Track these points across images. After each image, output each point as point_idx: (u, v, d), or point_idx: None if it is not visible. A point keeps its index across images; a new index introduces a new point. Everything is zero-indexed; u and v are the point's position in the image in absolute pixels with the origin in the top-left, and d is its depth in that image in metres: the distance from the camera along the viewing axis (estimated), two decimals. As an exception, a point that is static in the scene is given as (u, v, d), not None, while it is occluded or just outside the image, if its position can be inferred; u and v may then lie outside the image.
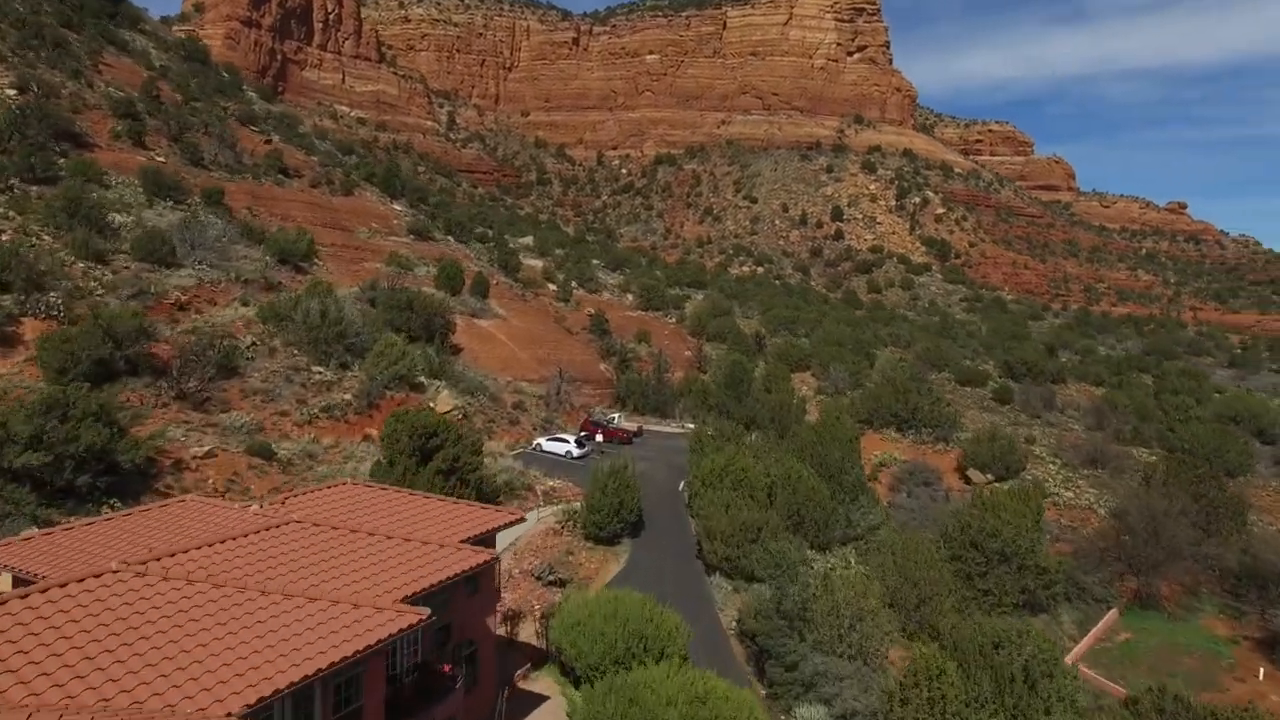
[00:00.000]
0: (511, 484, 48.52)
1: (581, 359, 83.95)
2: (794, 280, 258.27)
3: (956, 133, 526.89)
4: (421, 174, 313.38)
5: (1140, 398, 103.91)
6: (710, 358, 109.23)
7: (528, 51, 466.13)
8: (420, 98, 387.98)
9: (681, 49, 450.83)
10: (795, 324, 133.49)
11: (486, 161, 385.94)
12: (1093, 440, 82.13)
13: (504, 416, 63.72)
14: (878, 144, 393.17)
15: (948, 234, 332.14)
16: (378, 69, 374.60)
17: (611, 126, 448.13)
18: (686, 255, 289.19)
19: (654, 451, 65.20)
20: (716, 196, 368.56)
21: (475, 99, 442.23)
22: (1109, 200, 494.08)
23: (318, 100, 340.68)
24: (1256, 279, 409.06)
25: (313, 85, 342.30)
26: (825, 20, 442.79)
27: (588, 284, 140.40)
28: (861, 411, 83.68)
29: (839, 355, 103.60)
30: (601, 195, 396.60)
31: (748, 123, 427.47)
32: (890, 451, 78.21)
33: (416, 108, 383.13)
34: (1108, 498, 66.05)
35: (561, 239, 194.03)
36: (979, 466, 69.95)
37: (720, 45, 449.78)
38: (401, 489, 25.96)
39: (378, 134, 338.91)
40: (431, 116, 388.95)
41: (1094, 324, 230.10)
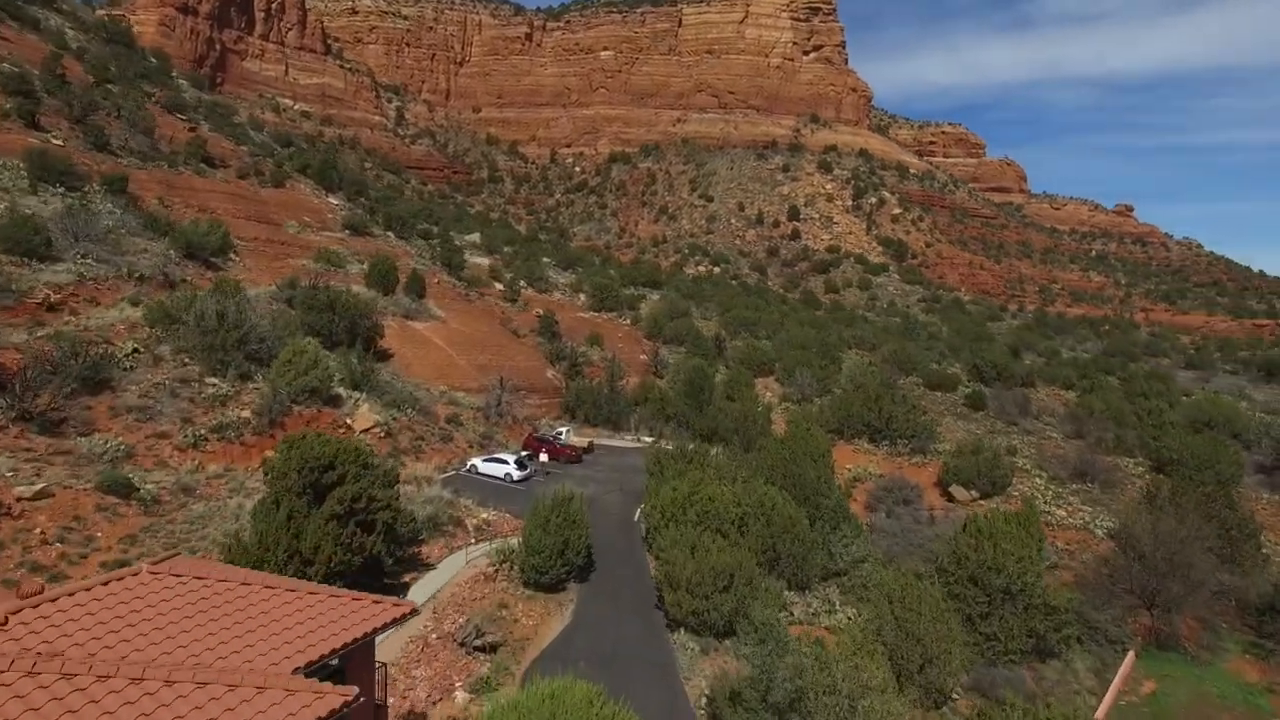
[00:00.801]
0: (436, 518, 40.91)
1: (527, 365, 76.45)
2: (751, 280, 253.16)
3: (910, 134, 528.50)
4: (369, 170, 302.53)
5: (1116, 403, 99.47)
6: (667, 362, 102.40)
7: (479, 46, 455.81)
8: (368, 92, 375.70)
9: (636, 46, 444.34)
10: (756, 325, 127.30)
11: (436, 158, 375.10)
12: (1077, 450, 76.95)
13: (435, 433, 55.94)
14: (834, 144, 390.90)
15: (904, 234, 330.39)
16: (323, 61, 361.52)
17: (565, 124, 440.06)
18: (641, 255, 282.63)
19: (606, 471, 58.01)
20: (672, 195, 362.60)
21: (425, 94, 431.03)
22: (1059, 202, 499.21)
23: (259, 92, 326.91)
24: (1200, 281, 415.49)
25: (254, 77, 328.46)
26: (781, 19, 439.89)
27: (538, 283, 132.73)
28: (831, 421, 77.50)
29: (804, 359, 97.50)
30: (555, 194, 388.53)
31: (703, 121, 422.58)
32: (864, 465, 72.05)
33: (364, 102, 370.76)
34: (1103, 516, 60.56)
35: (511, 236, 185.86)
36: (962, 482, 64.08)
37: (676, 43, 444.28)
38: (242, 572, 18.44)
39: (323, 128, 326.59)
40: (379, 111, 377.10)
41: (1051, 325, 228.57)
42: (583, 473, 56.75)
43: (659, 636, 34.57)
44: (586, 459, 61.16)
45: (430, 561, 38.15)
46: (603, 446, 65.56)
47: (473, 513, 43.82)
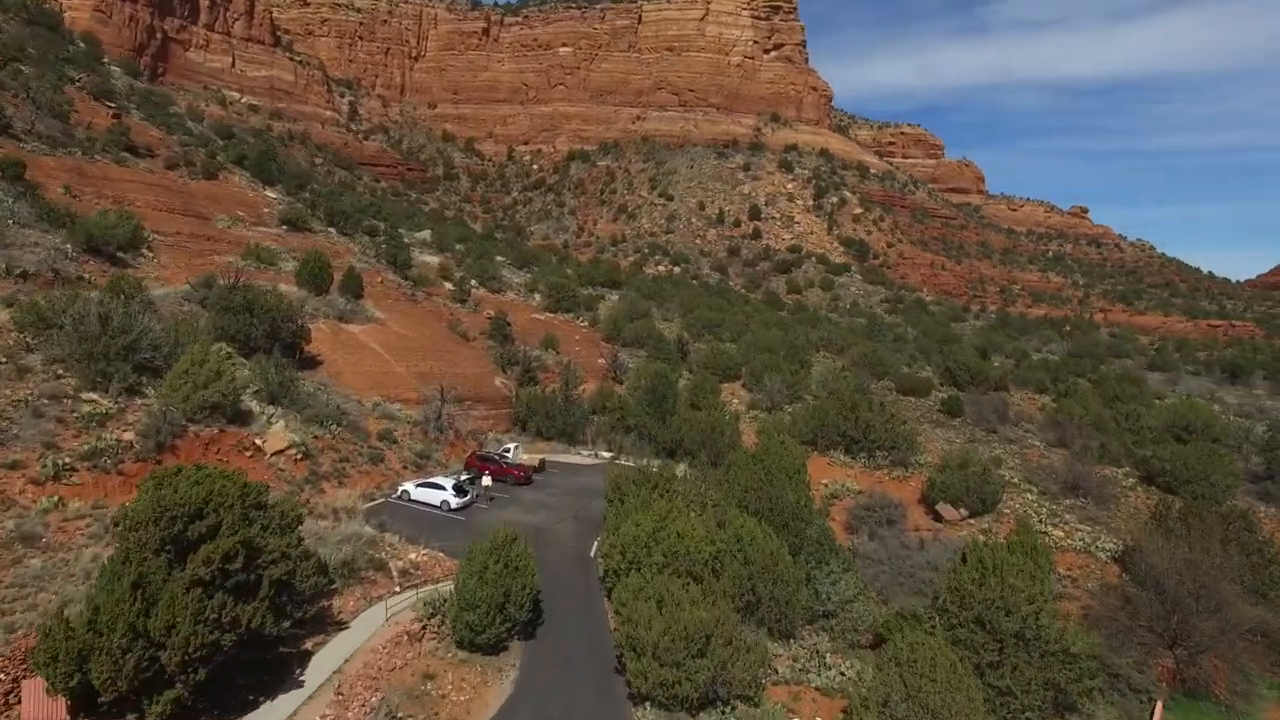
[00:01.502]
0: (353, 563, 34.17)
1: (474, 372, 69.60)
2: (713, 280, 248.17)
3: (870, 134, 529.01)
4: (320, 166, 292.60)
5: (1095, 408, 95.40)
6: (627, 366, 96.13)
7: (435, 41, 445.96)
8: (319, 86, 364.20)
9: (595, 43, 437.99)
10: (720, 327, 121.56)
11: (390, 155, 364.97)
12: (1065, 461, 72.22)
13: (363, 453, 48.98)
14: (794, 143, 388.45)
15: (865, 234, 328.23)
16: (272, 53, 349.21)
17: (523, 121, 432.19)
18: (600, 254, 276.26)
19: (559, 494, 51.56)
20: (631, 194, 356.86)
21: (379, 89, 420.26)
22: (1016, 203, 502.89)
23: (204, 84, 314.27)
24: (1154, 282, 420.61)
25: (198, 68, 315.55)
26: (742, 17, 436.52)
27: (490, 283, 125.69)
28: (804, 431, 71.86)
29: (772, 363, 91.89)
30: (512, 191, 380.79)
31: (663, 119, 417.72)
32: (841, 479, 66.49)
33: (315, 96, 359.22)
34: (1104, 537, 55.62)
35: (465, 234, 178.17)
36: (950, 499, 58.80)
37: (635, 39, 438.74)
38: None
39: (272, 122, 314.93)
40: (331, 106, 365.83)
41: (1015, 326, 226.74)
42: (532, 497, 50.22)
43: (620, 712, 28.27)
44: (538, 479, 54.62)
45: (342, 618, 31.44)
46: (556, 464, 59.04)
47: (399, 552, 37.11)
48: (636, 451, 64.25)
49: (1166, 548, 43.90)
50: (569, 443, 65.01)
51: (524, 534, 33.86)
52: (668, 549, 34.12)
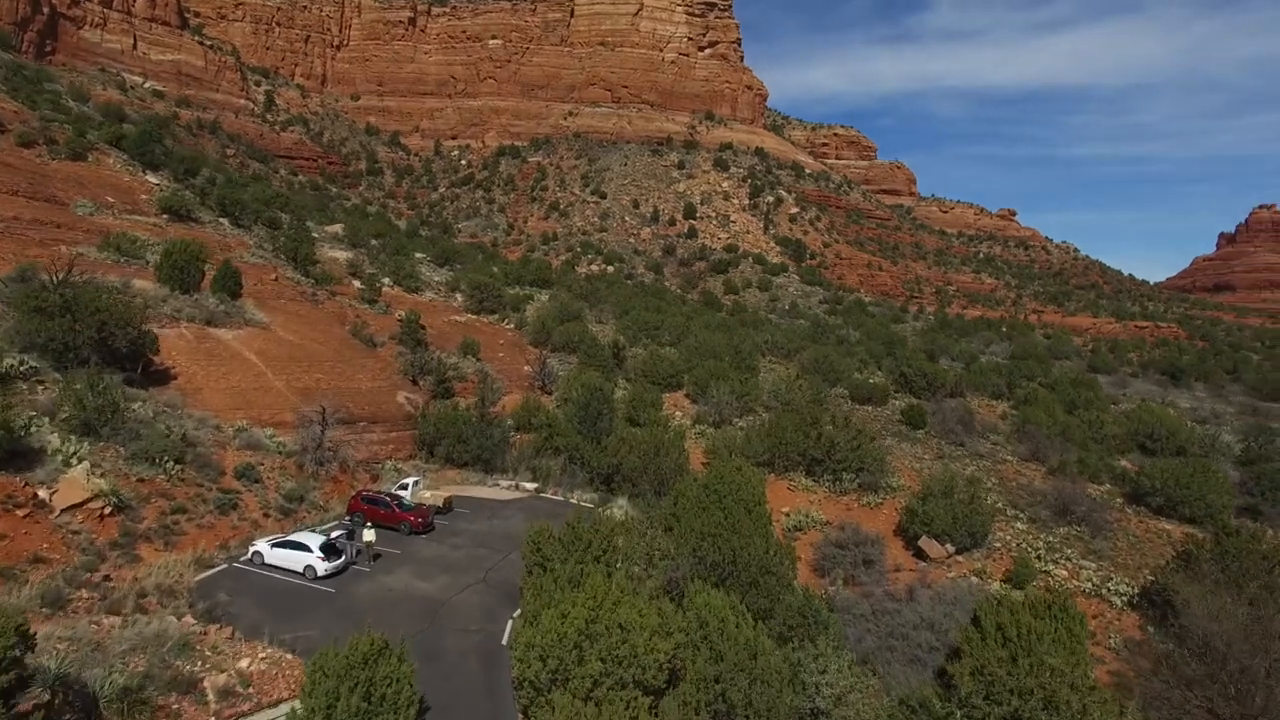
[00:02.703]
0: (143, 688, 23.26)
1: (372, 386, 58.42)
2: (647, 280, 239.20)
3: (804, 135, 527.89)
4: (232, 157, 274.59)
5: (1061, 416, 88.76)
6: (556, 374, 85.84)
7: (359, 30, 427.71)
8: (232, 72, 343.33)
9: (526, 35, 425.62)
10: (659, 330, 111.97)
11: (310, 147, 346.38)
12: (1049, 481, 64.59)
13: (209, 499, 37.73)
14: (729, 141, 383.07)
15: (802, 234, 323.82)
16: (179, 36, 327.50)
17: (450, 115, 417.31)
18: (530, 252, 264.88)
19: (468, 546, 40.91)
20: (563, 191, 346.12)
21: (299, 79, 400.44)
22: (947, 205, 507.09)
23: (101, 66, 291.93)
24: (1080, 283, 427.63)
25: (94, 48, 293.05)
26: (676, 13, 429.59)
27: (406, 281, 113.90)
28: (759, 450, 62.66)
29: (718, 370, 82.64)
30: (439, 188, 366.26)
31: (596, 115, 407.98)
32: (804, 507, 57.45)
33: (227, 83, 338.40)
34: (1116, 577, 47.61)
35: (382, 228, 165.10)
36: (934, 532, 50.23)
37: (568, 33, 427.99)
38: None
39: (179, 110, 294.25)
40: (246, 95, 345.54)
41: (955, 327, 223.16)
42: (433, 550, 39.56)
43: None
44: (443, 523, 43.86)
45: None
46: (468, 501, 48.25)
47: (227, 657, 26.23)
48: (567, 480, 54.11)
49: (1215, 601, 35.82)
50: (486, 470, 54.40)
51: (407, 625, 23.55)
52: (607, 650, 24.20)
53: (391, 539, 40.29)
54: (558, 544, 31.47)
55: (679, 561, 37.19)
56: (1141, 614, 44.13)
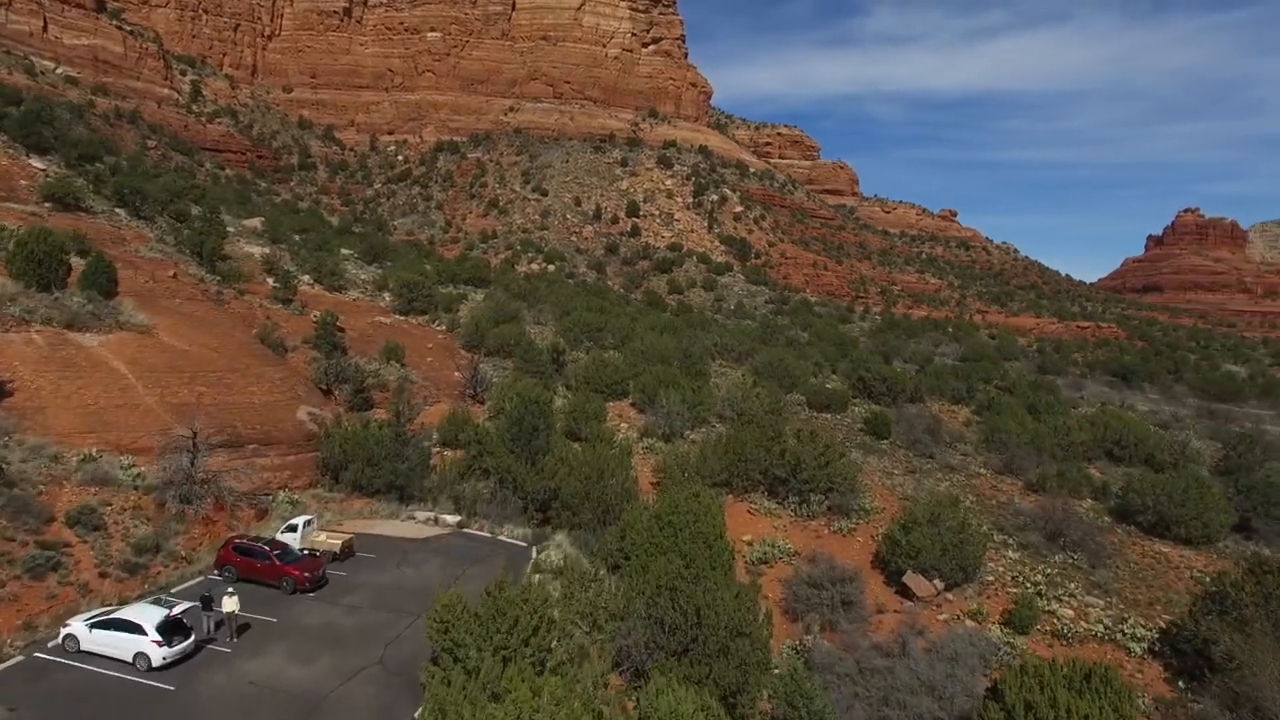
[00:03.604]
0: None
1: (268, 400, 49.71)
2: (589, 279, 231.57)
3: (747, 134, 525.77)
4: (153, 149, 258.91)
5: (1030, 424, 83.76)
6: (490, 381, 77.88)
7: (291, 19, 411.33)
8: (154, 60, 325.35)
9: (467, 28, 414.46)
10: (602, 332, 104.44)
11: (238, 140, 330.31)
12: (1038, 502, 58.93)
13: (17, 559, 29.03)
14: (673, 139, 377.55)
15: (746, 233, 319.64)
16: (95, 20, 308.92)
17: (387, 109, 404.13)
18: (469, 250, 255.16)
19: (368, 608, 32.71)
20: (503, 188, 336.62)
21: (228, 68, 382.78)
22: (890, 206, 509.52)
23: (7, 49, 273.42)
24: (1020, 284, 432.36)
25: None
26: (620, 9, 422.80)
27: (329, 279, 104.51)
28: (715, 468, 55.67)
29: (667, 377, 75.50)
30: (374, 183, 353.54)
31: (538, 110, 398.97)
32: (768, 535, 50.59)
33: (149, 71, 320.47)
34: (1131, 617, 41.65)
35: (308, 223, 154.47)
36: (921, 566, 43.79)
37: (509, 27, 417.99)
38: None
39: (95, 98, 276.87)
40: (169, 84, 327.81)
41: (902, 327, 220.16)
42: (320, 616, 31.34)
43: None
44: (339, 574, 35.50)
45: None
46: (375, 541, 39.91)
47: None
48: (496, 510, 46.34)
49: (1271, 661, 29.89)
50: (401, 499, 46.26)
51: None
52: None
53: (269, 600, 32.03)
54: (474, 623, 23.83)
55: (631, 624, 29.88)
56: (1164, 663, 38.24)
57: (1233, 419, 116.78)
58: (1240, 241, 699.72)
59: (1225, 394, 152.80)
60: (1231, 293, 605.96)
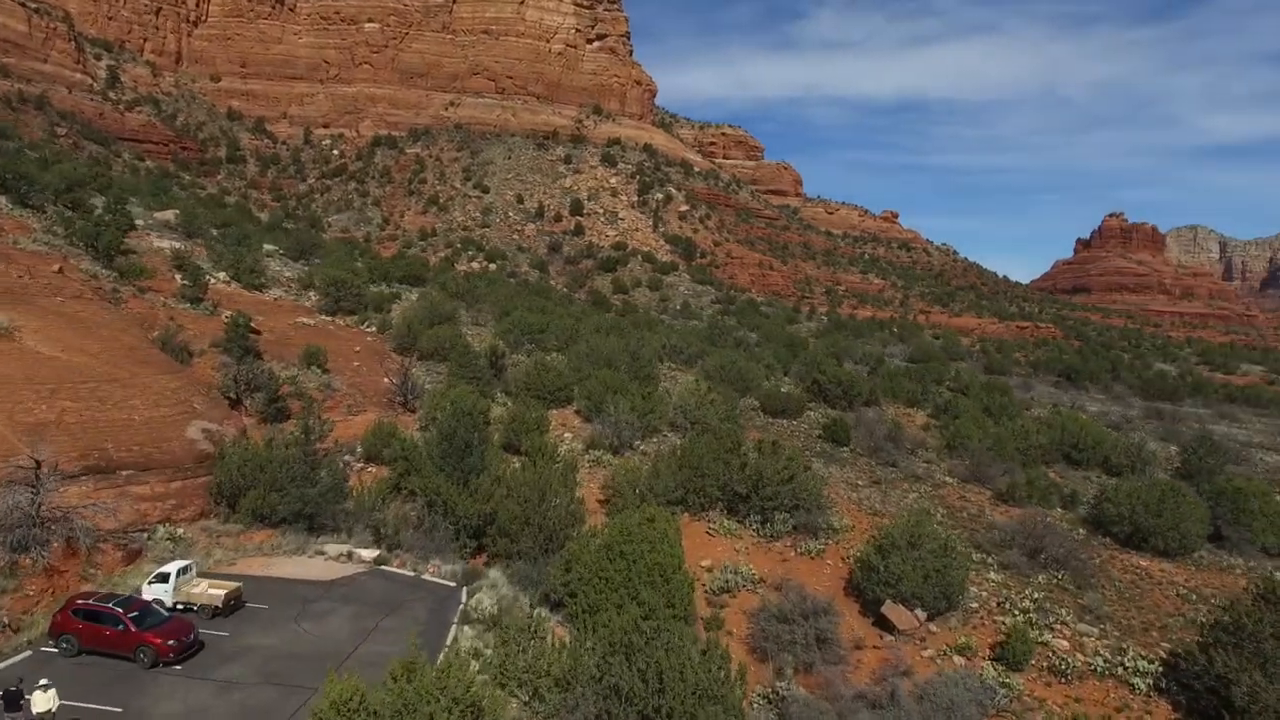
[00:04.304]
0: None
1: (153, 416, 42.80)
2: (532, 278, 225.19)
3: (692, 134, 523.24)
4: (63, 137, 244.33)
5: (991, 428, 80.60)
6: (424, 388, 71.65)
7: (219, 5, 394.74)
8: (64, 42, 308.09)
9: (406, 20, 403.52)
10: (544, 334, 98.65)
11: (160, 130, 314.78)
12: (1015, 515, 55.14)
13: None
14: (618, 137, 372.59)
15: (692, 232, 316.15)
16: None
17: (322, 101, 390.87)
18: (406, 248, 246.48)
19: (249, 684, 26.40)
20: (443, 184, 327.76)
21: (149, 54, 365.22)
22: (832, 206, 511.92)
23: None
24: (960, 284, 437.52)
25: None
26: (564, 4, 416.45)
27: (248, 276, 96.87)
28: (669, 484, 50.55)
29: (615, 382, 70.22)
30: (308, 178, 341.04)
31: (479, 106, 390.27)
32: (729, 559, 45.66)
33: (58, 54, 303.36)
34: (1130, 647, 37.69)
35: (231, 217, 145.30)
36: (901, 595, 39.29)
37: (450, 20, 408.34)
38: None
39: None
40: (83, 68, 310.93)
41: (849, 328, 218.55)
42: (185, 700, 24.44)
43: None
44: (219, 635, 29.12)
45: None
46: (271, 587, 32.71)
47: None
48: (423, 540, 40.46)
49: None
50: (310, 529, 39.98)
51: None
52: None
53: (119, 679, 25.48)
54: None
55: (580, 692, 24.52)
56: (1172, 700, 34.29)
57: (1179, 419, 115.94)
58: (1160, 245, 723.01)
59: (1163, 393, 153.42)
60: (1153, 294, 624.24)
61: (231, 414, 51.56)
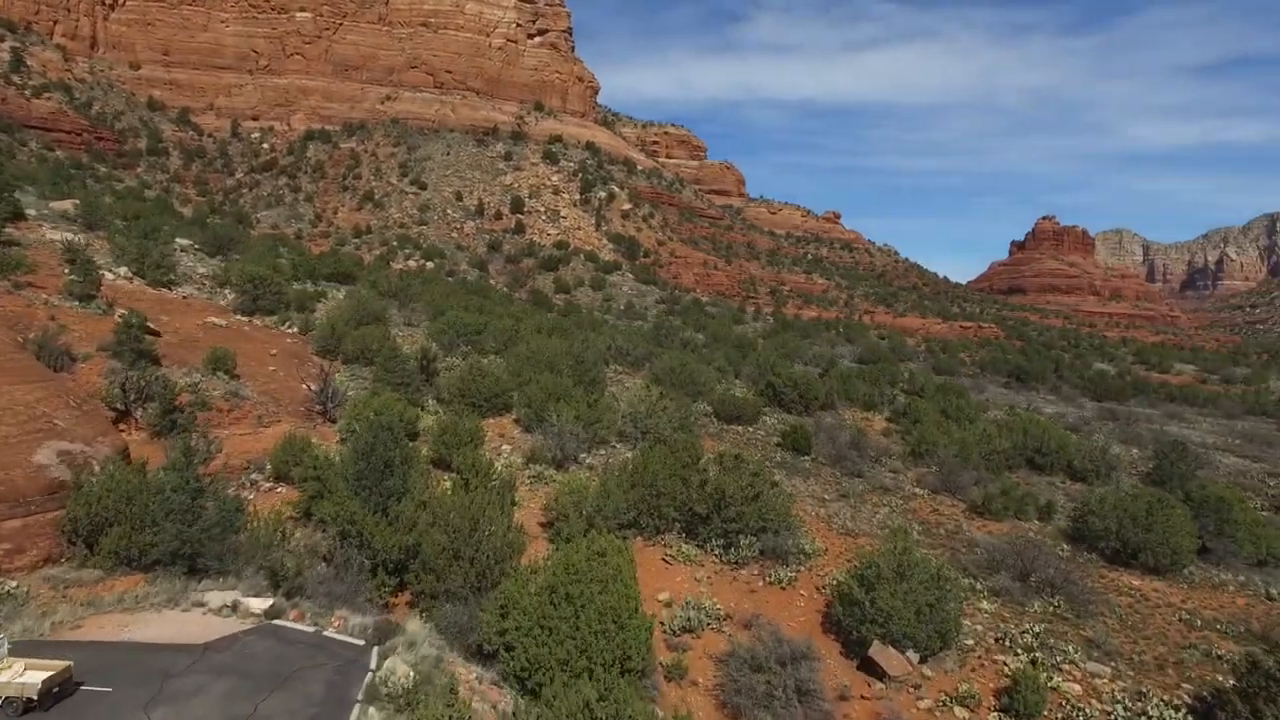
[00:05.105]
0: None
1: (-3, 435, 35.22)
2: (471, 277, 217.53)
3: (635, 133, 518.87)
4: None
5: (957, 434, 76.66)
6: (347, 395, 64.61)
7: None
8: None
9: (340, 10, 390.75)
10: (481, 335, 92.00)
11: (73, 119, 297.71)
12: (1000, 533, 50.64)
13: None
14: (559, 134, 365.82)
15: (635, 231, 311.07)
16: None
17: (251, 93, 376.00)
18: (340, 246, 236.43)
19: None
20: (379, 181, 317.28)
21: (60, 38, 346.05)
22: (775, 207, 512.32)
23: None
24: (902, 285, 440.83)
25: None
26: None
27: (154, 272, 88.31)
28: (620, 505, 44.75)
29: (558, 388, 64.17)
30: (236, 173, 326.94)
31: (417, 100, 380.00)
32: (689, 592, 40.07)
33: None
34: (1145, 688, 33.11)
35: (140, 208, 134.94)
36: (891, 636, 34.17)
37: (386, 11, 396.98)
38: None
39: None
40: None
41: (796, 328, 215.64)
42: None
43: None
44: None
45: None
46: (120, 657, 24.77)
47: None
48: (331, 581, 33.93)
49: None
50: (191, 572, 32.94)
51: None
52: None
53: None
54: None
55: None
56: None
57: (1134, 421, 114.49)
58: (1090, 248, 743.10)
59: (1110, 393, 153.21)
60: (1084, 294, 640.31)
61: (111, 430, 44.12)
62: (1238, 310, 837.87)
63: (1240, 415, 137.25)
